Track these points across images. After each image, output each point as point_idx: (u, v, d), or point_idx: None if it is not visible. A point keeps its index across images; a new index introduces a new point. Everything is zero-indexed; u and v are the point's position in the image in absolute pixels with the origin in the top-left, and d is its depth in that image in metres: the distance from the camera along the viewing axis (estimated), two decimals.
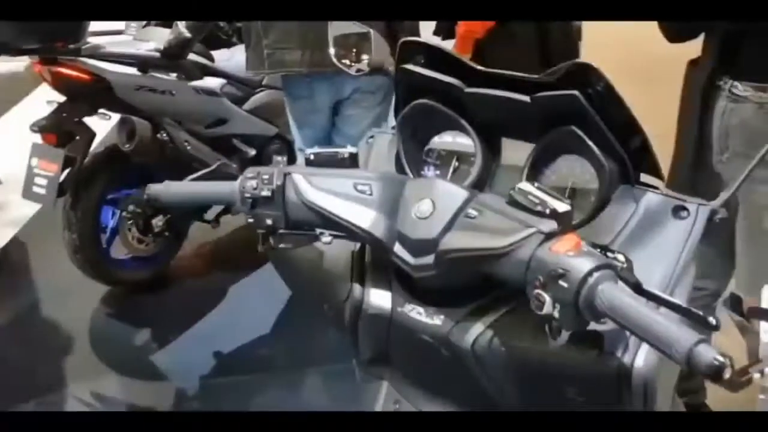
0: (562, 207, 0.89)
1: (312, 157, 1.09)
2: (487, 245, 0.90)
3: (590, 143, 1.02)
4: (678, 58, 2.08)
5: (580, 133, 1.03)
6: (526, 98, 1.06)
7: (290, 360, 3.01)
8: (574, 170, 1.13)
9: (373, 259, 1.13)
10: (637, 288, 0.84)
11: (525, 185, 0.93)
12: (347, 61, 1.50)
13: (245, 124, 3.74)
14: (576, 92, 0.99)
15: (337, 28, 1.51)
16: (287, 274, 1.29)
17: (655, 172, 1.07)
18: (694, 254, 0.99)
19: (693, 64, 2.04)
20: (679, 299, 0.93)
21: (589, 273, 0.79)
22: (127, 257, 3.40)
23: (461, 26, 2.72)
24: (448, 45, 3.69)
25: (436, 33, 3.24)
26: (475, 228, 0.94)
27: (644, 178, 1.08)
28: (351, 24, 1.52)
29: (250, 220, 1.07)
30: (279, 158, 1.20)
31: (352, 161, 1.08)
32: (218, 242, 3.95)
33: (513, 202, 0.93)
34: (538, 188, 0.93)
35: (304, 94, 3.06)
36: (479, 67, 1.12)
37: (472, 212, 0.95)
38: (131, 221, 3.27)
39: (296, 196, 1.05)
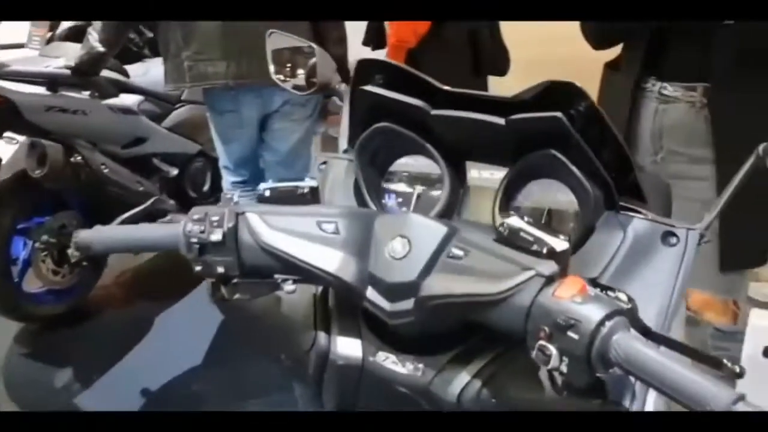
0: (560, 245, 0.80)
1: (267, 193, 0.97)
2: (478, 290, 0.80)
3: (573, 168, 0.94)
4: (584, 58, 2.08)
5: (561, 157, 0.94)
6: (500, 120, 0.97)
7: (226, 396, 2.84)
8: (549, 195, 1.05)
9: (339, 303, 1.01)
10: (647, 332, 0.76)
11: (515, 221, 0.84)
12: (287, 79, 1.37)
13: (165, 143, 3.54)
14: (559, 114, 0.90)
15: (274, 41, 1.39)
16: (239, 322, 1.16)
17: (638, 194, 1.00)
18: (687, 282, 0.92)
19: (611, 67, 2.03)
20: (676, 333, 0.86)
21: (602, 322, 0.70)
22: (41, 290, 3.21)
23: (392, 36, 2.64)
24: (380, 55, 3.62)
25: (365, 43, 3.16)
26: (462, 270, 0.83)
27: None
28: (290, 37, 1.40)
29: (198, 268, 0.94)
30: (229, 194, 1.06)
31: (313, 196, 0.96)
32: (140, 268, 3.73)
33: (503, 240, 0.83)
34: (529, 223, 0.83)
35: (229, 107, 2.89)
36: (446, 88, 1.03)
37: (457, 252, 0.85)
38: (45, 252, 3.07)
39: (251, 239, 0.92)
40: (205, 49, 2.71)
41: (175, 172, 3.56)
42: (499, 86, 3.18)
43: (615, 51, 2.04)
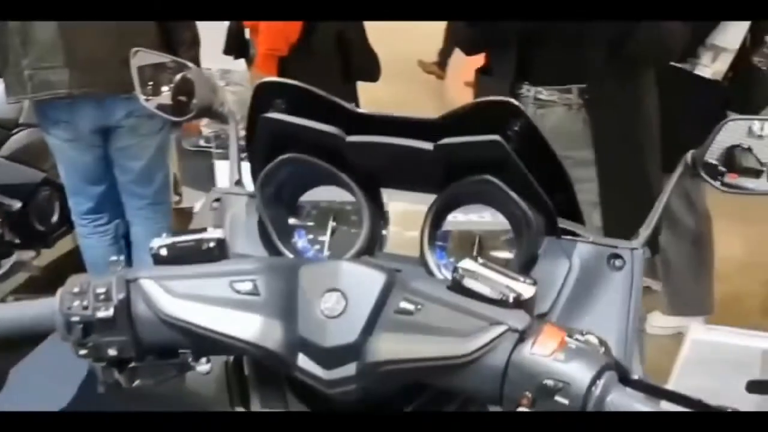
0: (527, 290, 0.70)
1: (162, 251, 0.79)
2: (440, 353, 0.68)
3: (512, 194, 0.84)
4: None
5: (499, 183, 0.84)
6: (428, 146, 0.85)
7: None
8: (479, 220, 0.95)
9: (258, 371, 0.86)
10: (628, 380, 0.67)
11: (469, 264, 0.72)
12: (159, 102, 1.19)
13: (4, 173, 3.14)
14: (498, 138, 0.80)
15: (142, 58, 1.20)
16: (134, 403, 0.97)
17: (576, 216, 0.92)
18: (640, 303, 0.86)
19: (483, 72, 2.00)
20: (637, 360, 0.79)
21: (593, 382, 0.60)
22: None
23: (262, 45, 2.46)
24: (240, 65, 3.41)
25: (226, 52, 2.95)
26: (414, 328, 0.71)
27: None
28: (158, 55, 1.22)
29: (83, 353, 0.75)
30: (114, 257, 0.86)
31: (221, 250, 0.80)
32: None
33: (458, 288, 0.71)
34: (485, 265, 0.72)
35: (63, 118, 2.57)
36: (360, 111, 0.90)
37: (406, 306, 0.72)
38: None
39: (149, 312, 0.75)
40: (47, 56, 2.40)
41: (18, 204, 3.17)
42: (365, 93, 3.08)
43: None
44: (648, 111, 1.81)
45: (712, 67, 2.60)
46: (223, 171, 3.30)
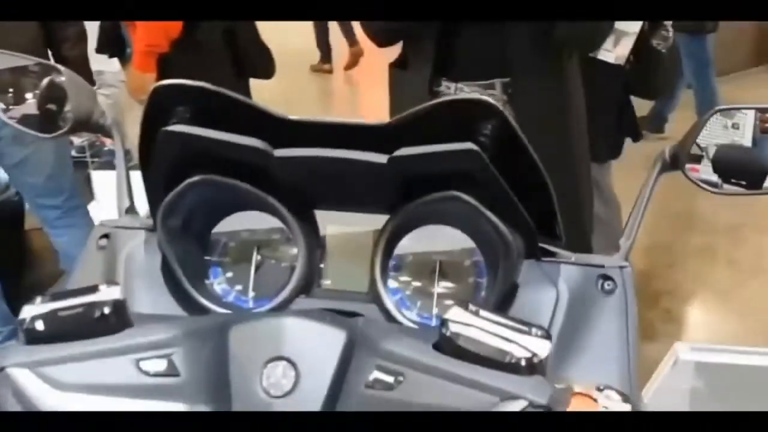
0: (542, 347, 0.54)
1: (38, 325, 0.57)
2: None
3: (487, 213, 0.69)
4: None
5: (472, 201, 0.69)
6: (380, 158, 0.68)
7: None
8: (437, 242, 0.79)
9: None
10: None
11: (459, 314, 0.56)
12: (22, 115, 0.95)
13: None
14: (474, 146, 0.64)
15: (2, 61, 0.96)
16: None
17: (554, 231, 0.78)
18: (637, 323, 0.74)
19: (398, 66, 1.83)
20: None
21: None
22: None
23: (140, 42, 2.19)
24: (114, 65, 3.08)
25: (99, 50, 2.63)
26: (396, 407, 0.54)
27: None
28: (16, 56, 0.98)
29: None
30: None
31: (120, 317, 0.59)
32: None
33: (451, 348, 0.55)
34: (479, 314, 0.56)
35: None
36: (290, 117, 0.71)
37: (383, 377, 0.55)
38: None
39: (23, 409, 0.54)
40: None
41: None
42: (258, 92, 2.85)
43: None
44: (576, 103, 1.71)
45: (614, 51, 2.56)
46: (102, 184, 2.97)
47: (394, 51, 1.80)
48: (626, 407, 0.52)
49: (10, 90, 0.97)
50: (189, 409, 0.55)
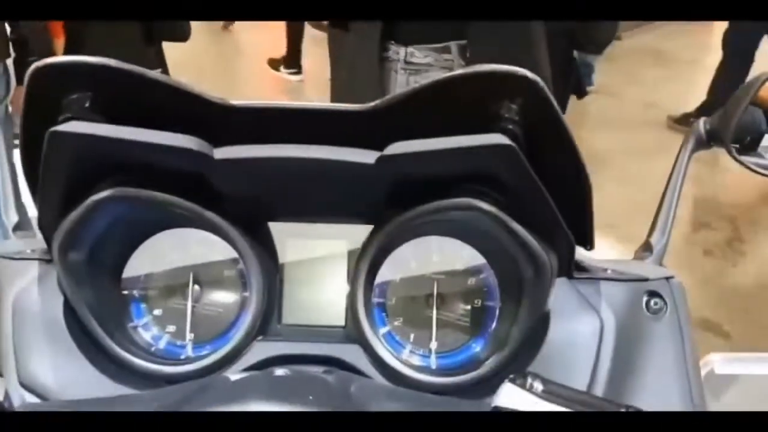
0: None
1: None
2: None
3: (514, 225, 0.51)
4: None
5: (493, 211, 0.51)
6: (365, 158, 0.49)
7: None
8: (432, 257, 0.61)
9: None
10: None
11: (512, 394, 0.38)
12: None
13: None
14: (506, 140, 0.46)
15: None
16: None
17: (585, 237, 0.61)
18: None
19: (337, 27, 1.61)
20: None
21: None
22: None
23: None
24: None
25: None
26: None
27: None
28: None
29: None
30: None
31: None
32: None
33: None
34: (545, 392, 0.39)
35: None
36: (233, 103, 0.51)
37: None
38: None
39: None
40: None
41: None
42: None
43: None
44: (541, 65, 1.53)
45: None
46: None
47: None
48: None
49: None
50: None
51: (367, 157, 0.49)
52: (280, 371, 0.47)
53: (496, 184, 0.51)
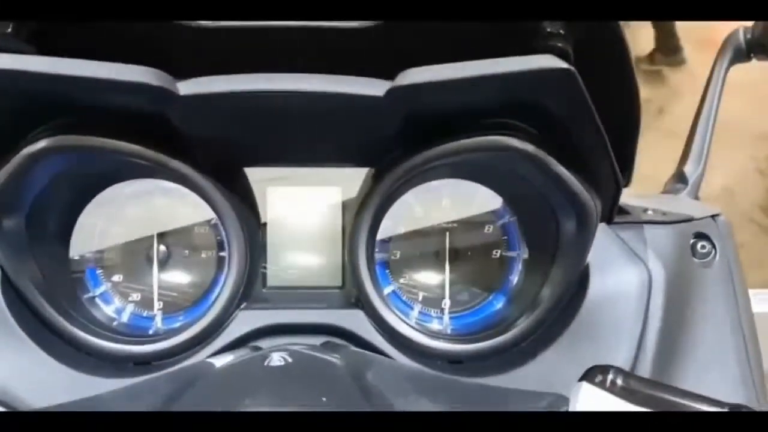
0: None
1: None
2: None
3: (558, 168, 0.43)
4: None
5: (535, 152, 0.42)
6: (372, 89, 0.39)
7: None
8: (442, 202, 0.52)
9: None
10: None
11: (591, 394, 0.30)
12: None
13: None
14: (564, 64, 0.36)
15: None
16: None
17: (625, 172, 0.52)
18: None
19: None
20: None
21: None
22: None
23: None
24: None
25: None
26: None
27: None
28: None
29: None
30: None
31: None
32: None
33: None
34: (628, 389, 0.31)
35: None
36: (201, 24, 0.40)
37: None
38: None
39: None
40: None
41: None
42: None
43: None
44: None
45: None
46: None
47: None
48: None
49: None
50: None
51: (374, 87, 0.39)
52: (275, 357, 0.38)
53: (530, 117, 0.41)
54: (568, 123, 0.40)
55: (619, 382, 0.31)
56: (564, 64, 0.36)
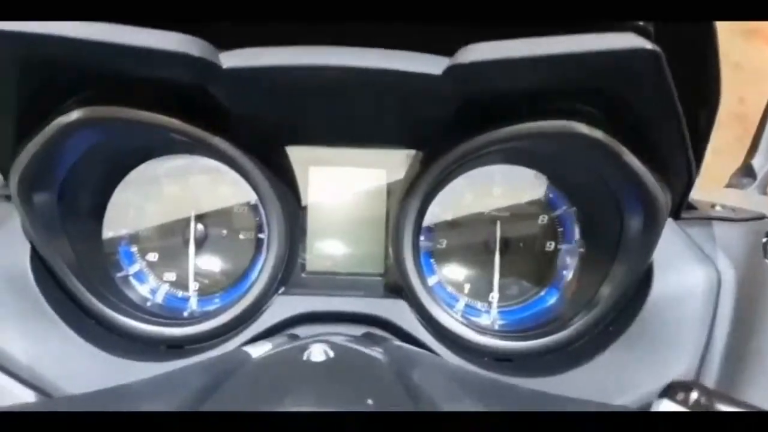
0: None
1: None
2: None
3: (630, 157, 0.39)
4: None
5: (606, 139, 0.38)
6: (430, 67, 0.36)
7: None
8: (493, 190, 0.49)
9: None
10: None
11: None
12: None
13: None
14: (649, 43, 0.33)
15: None
16: None
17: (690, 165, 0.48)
18: None
19: None
20: None
21: None
22: None
23: None
24: None
25: None
26: None
27: None
28: None
29: None
30: None
31: None
32: None
33: None
34: (711, 409, 0.28)
35: None
36: None
37: None
38: None
39: None
40: None
41: None
42: None
43: None
44: None
45: None
46: None
47: None
48: None
49: None
50: None
51: (431, 65, 0.36)
52: (316, 350, 0.36)
53: (600, 100, 0.38)
54: (645, 109, 0.37)
55: (704, 401, 0.27)
56: (650, 45, 0.32)
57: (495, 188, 0.49)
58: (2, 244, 0.45)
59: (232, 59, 0.36)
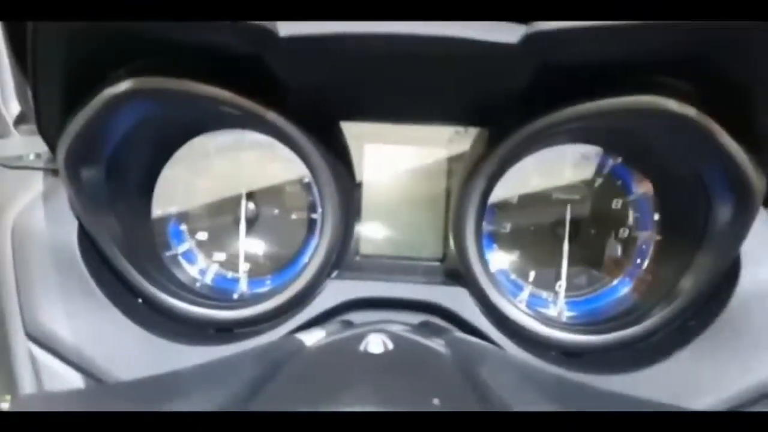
0: None
1: None
2: None
3: (725, 138, 0.35)
4: None
5: (699, 118, 0.35)
6: (505, 35, 0.33)
7: None
8: (563, 176, 0.46)
9: None
10: None
11: None
12: None
13: None
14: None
15: None
16: None
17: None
18: None
19: None
20: None
21: None
22: None
23: None
24: None
25: None
26: None
27: None
28: None
29: None
30: None
31: None
32: None
33: None
34: None
35: None
36: None
37: None
38: None
39: None
40: None
41: None
42: None
43: None
44: None
45: None
46: None
47: None
48: None
49: None
50: None
51: (506, 33, 0.33)
52: (373, 341, 0.33)
53: (691, 75, 0.34)
54: (744, 85, 0.33)
55: None
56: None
57: (566, 169, 0.46)
58: (49, 220, 0.43)
59: (289, 27, 0.34)
